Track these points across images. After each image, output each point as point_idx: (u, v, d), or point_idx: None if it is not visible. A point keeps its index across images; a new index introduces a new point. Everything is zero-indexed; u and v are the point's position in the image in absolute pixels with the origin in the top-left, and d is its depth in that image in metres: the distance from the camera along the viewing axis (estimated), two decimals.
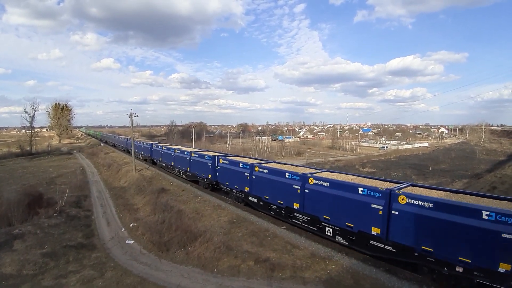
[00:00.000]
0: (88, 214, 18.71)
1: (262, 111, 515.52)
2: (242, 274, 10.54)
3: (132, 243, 14.15)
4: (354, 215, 10.85)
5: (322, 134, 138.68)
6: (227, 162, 19.12)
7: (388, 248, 9.92)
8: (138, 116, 33.78)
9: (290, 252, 11.81)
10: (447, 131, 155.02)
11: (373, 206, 10.13)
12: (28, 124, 62.77)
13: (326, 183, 11.98)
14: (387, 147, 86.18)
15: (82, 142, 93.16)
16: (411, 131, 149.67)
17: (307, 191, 12.77)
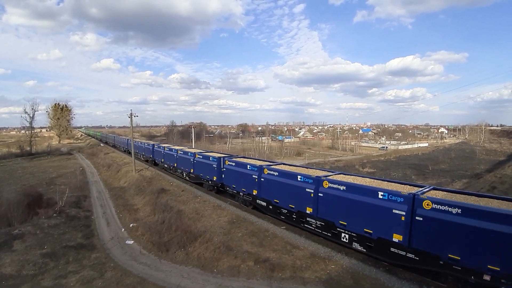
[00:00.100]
0: (87, 215, 18.70)
1: (262, 111, 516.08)
2: (242, 275, 10.54)
3: (132, 244, 14.14)
4: (373, 220, 10.32)
5: (322, 134, 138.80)
6: (233, 164, 18.37)
7: (411, 256, 9.43)
8: (137, 116, 33.77)
9: (290, 252, 11.81)
10: (447, 131, 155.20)
11: (394, 211, 9.62)
12: (28, 125, 62.90)
13: (342, 187, 11.41)
14: (387, 147, 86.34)
15: (82, 143, 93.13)
16: (410, 131, 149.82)
17: (321, 194, 12.19)
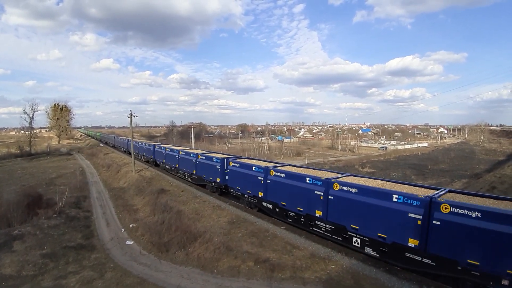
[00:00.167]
0: (87, 215, 18.68)
1: (262, 111, 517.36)
2: (242, 275, 10.54)
3: (132, 244, 14.13)
4: (387, 225, 9.97)
5: (322, 135, 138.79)
6: (238, 165, 17.87)
7: (427, 261, 9.12)
8: (137, 116, 33.95)
9: (290, 253, 11.81)
10: (446, 131, 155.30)
11: (410, 215, 9.29)
12: (27, 125, 62.67)
13: (354, 189, 11.04)
14: (386, 147, 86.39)
15: (81, 143, 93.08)
16: (410, 131, 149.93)
17: (331, 197, 11.77)
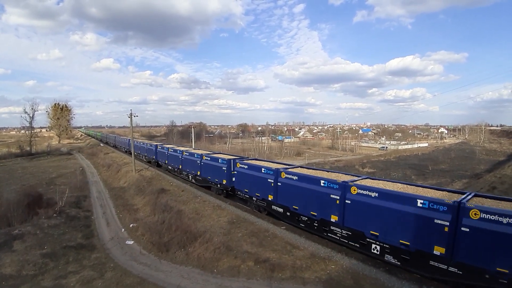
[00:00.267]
0: (87, 215, 18.69)
1: (262, 111, 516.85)
2: (242, 275, 10.54)
3: (132, 244, 14.14)
4: (411, 231, 9.44)
5: (322, 134, 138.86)
6: (245, 167, 17.26)
7: (453, 269, 8.68)
8: (137, 116, 33.80)
9: (290, 253, 11.80)
10: (446, 131, 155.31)
11: (436, 221, 8.82)
12: (27, 125, 62.87)
13: (373, 193, 10.46)
14: (386, 147, 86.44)
15: (81, 143, 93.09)
16: (410, 131, 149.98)
17: (348, 202, 11.21)
